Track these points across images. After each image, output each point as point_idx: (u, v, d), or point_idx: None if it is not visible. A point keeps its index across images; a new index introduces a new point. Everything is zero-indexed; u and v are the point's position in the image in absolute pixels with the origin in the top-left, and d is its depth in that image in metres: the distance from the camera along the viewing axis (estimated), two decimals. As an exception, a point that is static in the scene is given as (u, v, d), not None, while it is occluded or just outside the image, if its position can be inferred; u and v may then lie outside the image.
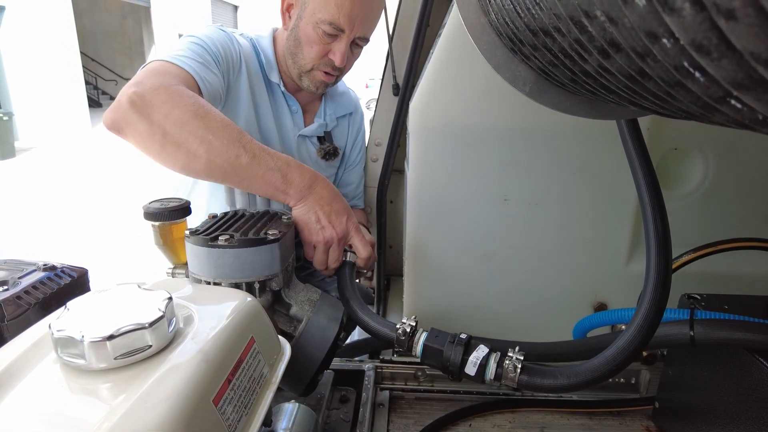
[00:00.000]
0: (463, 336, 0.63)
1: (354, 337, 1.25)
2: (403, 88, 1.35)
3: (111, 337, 0.38)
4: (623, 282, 0.95)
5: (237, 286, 0.63)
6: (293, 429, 0.67)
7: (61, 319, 0.40)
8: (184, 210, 0.71)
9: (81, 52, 10.47)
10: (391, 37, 1.30)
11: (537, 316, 0.99)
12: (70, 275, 0.67)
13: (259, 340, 0.49)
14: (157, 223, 0.70)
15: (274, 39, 1.11)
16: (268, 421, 0.58)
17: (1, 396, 0.36)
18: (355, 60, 1.09)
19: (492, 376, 0.60)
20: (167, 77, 0.78)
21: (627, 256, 0.94)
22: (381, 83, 1.43)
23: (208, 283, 0.63)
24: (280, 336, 0.56)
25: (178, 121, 0.71)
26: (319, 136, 1.19)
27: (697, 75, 0.19)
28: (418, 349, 0.64)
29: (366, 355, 1.04)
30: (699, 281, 0.80)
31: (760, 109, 0.19)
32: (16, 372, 0.39)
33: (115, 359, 0.38)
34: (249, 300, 0.52)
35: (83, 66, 10.72)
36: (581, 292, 0.98)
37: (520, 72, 0.44)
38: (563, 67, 0.33)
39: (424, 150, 0.89)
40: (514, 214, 0.92)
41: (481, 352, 0.61)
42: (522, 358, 0.59)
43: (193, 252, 0.64)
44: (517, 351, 0.60)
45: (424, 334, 0.65)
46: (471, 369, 0.60)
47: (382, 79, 1.42)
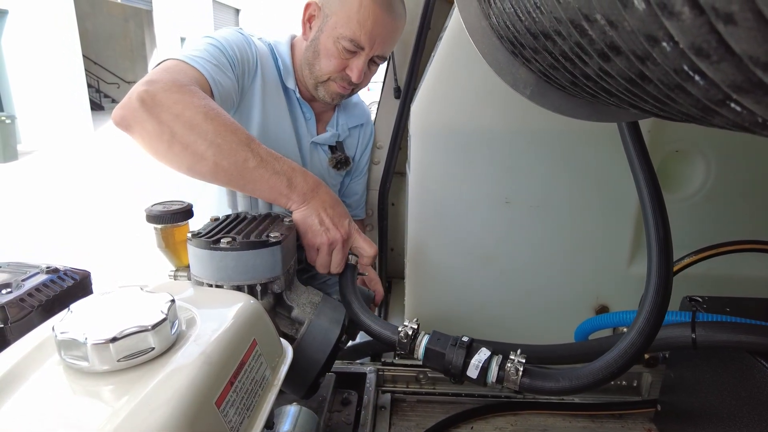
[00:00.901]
0: (465, 339, 0.63)
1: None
2: (404, 91, 1.35)
3: (114, 340, 0.38)
4: (625, 284, 0.95)
5: (239, 288, 0.63)
6: (295, 431, 0.67)
7: (65, 321, 0.40)
8: (187, 213, 0.71)
9: (83, 55, 10.49)
10: (392, 40, 1.30)
11: (539, 318, 0.99)
12: (72, 278, 0.67)
13: (261, 343, 0.49)
14: (160, 226, 0.70)
15: (292, 46, 1.11)
16: (270, 424, 0.58)
17: (5, 398, 0.37)
18: (372, 76, 1.09)
19: (494, 379, 0.60)
20: (180, 77, 0.78)
21: (628, 259, 0.94)
22: (382, 86, 1.43)
23: (210, 285, 0.63)
24: (282, 338, 0.56)
25: (188, 122, 0.71)
26: (331, 146, 1.20)
27: (696, 78, 0.19)
28: (420, 352, 0.64)
29: (367, 358, 1.04)
30: (700, 284, 0.80)
31: (760, 112, 0.19)
32: (19, 374, 0.39)
33: (118, 361, 0.38)
34: (251, 302, 0.52)
35: (85, 69, 10.75)
36: (583, 294, 0.98)
37: (520, 75, 0.45)
38: (564, 70, 0.33)
39: (426, 153, 0.90)
40: (515, 216, 0.92)
41: (483, 354, 0.61)
42: (524, 361, 0.59)
43: (195, 255, 0.64)
44: (518, 354, 0.60)
45: (426, 337, 0.65)
46: (473, 372, 0.60)
47: (384, 82, 1.43)
